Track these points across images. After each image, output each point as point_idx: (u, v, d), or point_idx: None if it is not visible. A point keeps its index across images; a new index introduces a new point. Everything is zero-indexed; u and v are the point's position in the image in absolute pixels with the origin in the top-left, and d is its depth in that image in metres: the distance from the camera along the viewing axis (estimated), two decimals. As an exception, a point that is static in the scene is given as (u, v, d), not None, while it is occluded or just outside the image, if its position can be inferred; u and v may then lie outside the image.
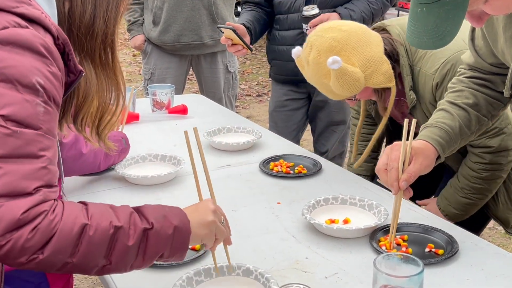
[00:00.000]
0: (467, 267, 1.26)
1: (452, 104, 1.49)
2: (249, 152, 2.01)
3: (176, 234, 1.01)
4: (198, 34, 3.16)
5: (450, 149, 1.45)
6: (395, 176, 1.34)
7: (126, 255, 0.95)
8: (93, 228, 0.91)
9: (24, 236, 0.85)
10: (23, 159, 0.87)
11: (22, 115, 0.87)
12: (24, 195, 0.86)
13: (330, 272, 1.25)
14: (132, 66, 7.45)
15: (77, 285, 2.64)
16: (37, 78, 0.89)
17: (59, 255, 0.89)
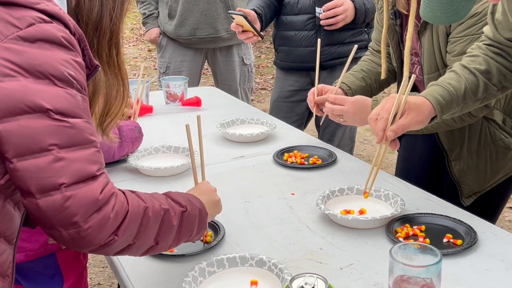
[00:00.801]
0: (486, 257, 1.23)
1: (463, 68, 1.47)
2: (263, 144, 1.99)
3: (200, 216, 1.09)
4: (214, 27, 3.14)
5: (450, 110, 1.44)
6: (382, 126, 1.36)
7: (169, 235, 1.01)
8: (150, 209, 0.97)
9: (108, 215, 0.89)
10: (81, 146, 0.90)
11: (67, 107, 0.90)
12: (93, 178, 0.90)
13: (345, 263, 1.23)
14: (148, 61, 7.47)
15: (92, 278, 2.64)
16: (68, 70, 0.91)
17: (128, 236, 0.93)
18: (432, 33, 1.67)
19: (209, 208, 1.15)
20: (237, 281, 1.16)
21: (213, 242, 1.29)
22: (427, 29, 1.68)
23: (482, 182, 1.76)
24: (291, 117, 2.63)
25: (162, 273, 1.21)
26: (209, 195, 1.19)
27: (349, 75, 1.98)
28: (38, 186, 0.86)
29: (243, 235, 1.35)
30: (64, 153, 0.88)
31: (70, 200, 0.86)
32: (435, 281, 0.98)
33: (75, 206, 0.86)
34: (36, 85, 0.87)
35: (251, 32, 2.24)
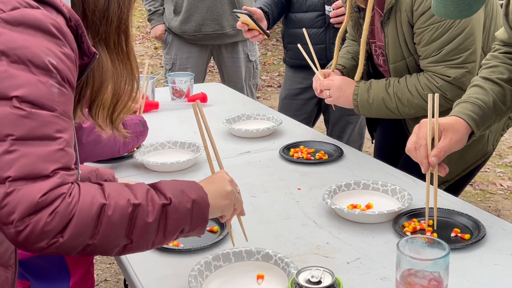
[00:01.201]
0: (494, 252, 1.22)
1: (486, 80, 1.44)
2: (269, 139, 1.98)
3: (195, 208, 0.99)
4: (220, 23, 3.13)
5: (484, 125, 1.40)
6: (424, 153, 1.30)
7: (147, 232, 0.93)
8: (111, 207, 0.89)
9: (43, 219, 0.83)
10: (40, 141, 0.85)
11: (37, 96, 0.85)
12: (42, 178, 0.84)
13: (352, 257, 1.22)
14: (154, 59, 7.47)
15: (99, 275, 2.65)
16: (49, 58, 0.87)
17: (80, 237, 0.86)
18: (396, 23, 1.68)
19: (215, 199, 1.04)
20: (243, 275, 1.15)
21: (219, 236, 1.28)
22: (390, 20, 1.69)
23: (451, 172, 1.75)
24: (300, 115, 2.62)
25: (168, 267, 1.21)
26: (219, 185, 1.08)
27: (339, 58, 2.01)
28: None
29: (249, 229, 1.34)
30: (19, 146, 0.83)
31: (10, 196, 0.82)
32: (443, 274, 0.97)
33: (14, 204, 0.82)
34: (9, 68, 0.83)
35: (257, 30, 2.23)
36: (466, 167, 1.81)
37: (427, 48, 1.64)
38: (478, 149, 1.76)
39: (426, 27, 1.62)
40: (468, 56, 1.62)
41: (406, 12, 1.65)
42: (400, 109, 1.73)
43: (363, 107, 1.78)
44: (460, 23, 1.59)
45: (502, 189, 3.52)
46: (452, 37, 1.61)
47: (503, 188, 3.53)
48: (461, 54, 1.62)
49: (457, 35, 1.61)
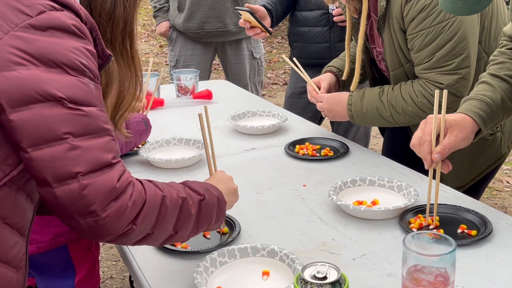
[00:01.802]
0: (501, 248, 1.21)
1: (493, 76, 1.42)
2: (274, 136, 1.98)
3: (219, 204, 1.08)
4: (223, 21, 3.12)
5: (492, 122, 1.37)
6: (427, 149, 1.29)
7: (188, 224, 1.01)
8: (168, 198, 0.96)
9: (125, 204, 0.88)
10: (96, 134, 0.89)
11: (80, 95, 0.89)
12: (109, 166, 0.88)
13: (357, 253, 1.21)
14: (159, 56, 7.47)
15: (105, 272, 2.65)
16: (80, 59, 0.90)
17: (147, 226, 0.92)
18: (390, 30, 1.67)
19: (227, 196, 1.14)
20: (249, 271, 1.15)
21: (228, 239, 1.27)
22: (385, 26, 1.67)
23: (464, 178, 1.74)
24: (306, 113, 2.61)
25: (173, 264, 1.21)
26: (226, 183, 1.18)
27: (338, 59, 2.01)
28: (54, 175, 0.85)
29: (254, 226, 1.34)
30: (79, 142, 0.86)
31: (87, 189, 0.85)
32: (450, 270, 0.96)
33: (93, 195, 0.85)
34: (48, 74, 0.86)
35: (259, 28, 2.22)
36: (480, 172, 1.77)
37: (419, 55, 1.62)
38: (491, 153, 1.72)
39: (417, 33, 1.60)
40: (461, 61, 1.59)
41: (397, 19, 1.63)
42: (395, 118, 1.71)
43: (358, 117, 1.77)
44: (451, 28, 1.56)
45: (508, 186, 3.50)
46: (443, 43, 1.58)
47: (510, 185, 3.51)
48: (453, 60, 1.59)
49: (448, 40, 1.57)
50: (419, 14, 1.57)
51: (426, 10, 1.56)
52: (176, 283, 1.14)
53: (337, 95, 1.84)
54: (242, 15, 2.21)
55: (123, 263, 2.70)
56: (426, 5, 1.56)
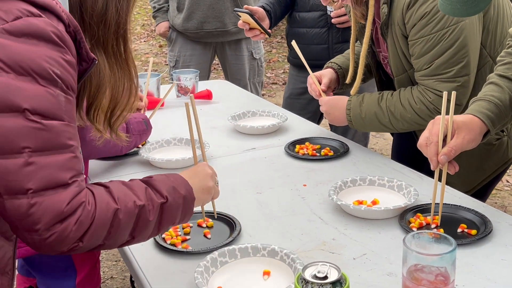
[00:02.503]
0: (501, 247, 1.21)
1: (501, 77, 1.41)
2: (274, 136, 1.98)
3: (185, 204, 1.06)
4: (222, 21, 3.12)
5: (501, 123, 1.37)
6: (434, 150, 1.29)
7: (147, 229, 0.99)
8: (122, 211, 0.94)
9: (69, 228, 0.87)
10: (55, 151, 0.88)
11: (47, 107, 0.87)
12: (63, 186, 0.87)
13: (358, 253, 1.22)
14: (159, 56, 7.47)
15: (105, 272, 2.65)
16: (53, 68, 0.88)
17: (96, 240, 0.92)
18: (393, 36, 1.67)
19: (198, 193, 1.10)
20: (249, 271, 1.15)
21: (229, 239, 1.27)
22: (388, 32, 1.68)
23: (469, 181, 1.74)
24: (304, 114, 2.61)
25: (174, 264, 1.21)
26: (202, 179, 1.14)
27: (341, 56, 2.01)
28: (6, 188, 0.84)
29: (255, 226, 1.35)
30: (36, 157, 0.85)
31: (34, 207, 0.84)
32: (450, 270, 0.97)
33: (39, 214, 0.85)
34: (17, 82, 0.85)
35: (258, 29, 2.21)
36: (487, 177, 1.76)
37: (419, 61, 1.62)
38: (497, 157, 1.72)
39: (417, 40, 1.60)
40: (460, 69, 1.59)
41: (399, 26, 1.64)
42: (394, 124, 1.70)
43: (356, 122, 1.77)
44: (451, 35, 1.56)
45: (508, 186, 3.50)
46: (443, 50, 1.58)
47: (510, 184, 3.51)
48: (452, 67, 1.59)
49: (447, 48, 1.57)
50: (420, 20, 1.57)
51: (427, 17, 1.56)
52: (177, 283, 1.14)
53: (336, 100, 1.84)
54: (241, 16, 2.21)
55: (124, 263, 2.70)
56: (426, 12, 1.56)
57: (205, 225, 1.35)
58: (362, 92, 1.85)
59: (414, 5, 1.57)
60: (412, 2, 1.57)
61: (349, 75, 1.90)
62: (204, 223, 1.35)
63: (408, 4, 1.58)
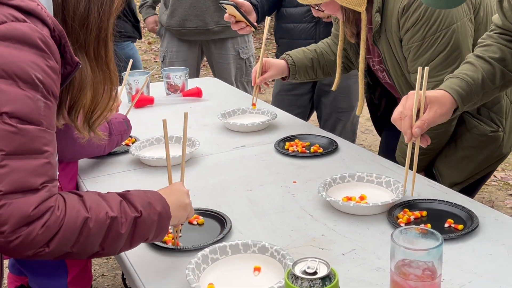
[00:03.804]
0: (487, 241, 1.23)
1: (478, 57, 1.47)
2: (264, 133, 1.99)
3: (160, 220, 1.07)
4: (203, 19, 3.12)
5: (471, 101, 1.43)
6: (408, 123, 1.35)
7: (118, 242, 1.00)
8: (92, 220, 0.95)
9: (35, 231, 0.88)
10: (28, 155, 0.89)
11: (25, 112, 0.88)
12: (32, 191, 0.88)
13: (347, 248, 1.23)
14: (148, 54, 7.46)
15: (96, 270, 2.66)
16: (36, 73, 0.89)
17: (63, 247, 0.92)
18: (388, 42, 1.70)
19: (175, 210, 1.12)
20: (240, 267, 1.16)
21: (219, 236, 1.29)
22: (381, 37, 1.70)
23: (462, 172, 1.78)
24: (293, 110, 2.63)
25: (166, 261, 1.22)
26: (178, 196, 1.16)
27: (300, 51, 2.03)
28: None
29: (245, 223, 1.36)
30: (9, 160, 0.86)
31: (1, 209, 0.85)
32: (437, 264, 0.99)
33: (6, 216, 0.86)
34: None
35: (244, 22, 2.21)
36: (480, 170, 1.79)
37: (413, 64, 1.66)
38: (491, 151, 1.75)
39: (412, 44, 1.64)
40: (454, 71, 1.60)
41: (395, 32, 1.67)
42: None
43: None
44: (444, 39, 1.60)
45: (495, 180, 3.54)
46: (436, 53, 1.62)
47: (497, 179, 3.55)
48: (445, 70, 1.62)
49: (441, 51, 1.61)
50: (414, 26, 1.61)
51: (420, 22, 1.60)
52: (168, 279, 1.15)
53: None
54: (227, 9, 2.20)
55: (114, 261, 2.71)
56: (420, 18, 1.60)
57: (195, 222, 1.36)
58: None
59: (408, 10, 1.61)
60: (406, 8, 1.61)
61: (335, 83, 1.95)
62: (194, 221, 1.36)
63: (402, 10, 1.62)
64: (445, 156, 1.77)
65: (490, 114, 1.72)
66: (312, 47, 2.03)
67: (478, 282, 1.10)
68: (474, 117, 1.72)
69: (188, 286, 1.10)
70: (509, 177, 3.58)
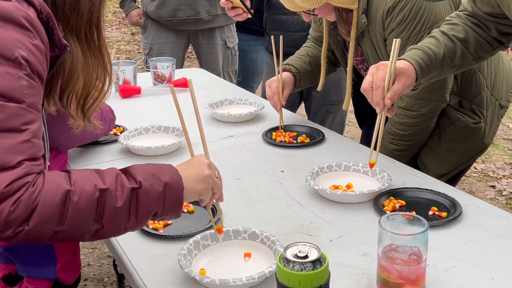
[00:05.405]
0: (470, 228, 1.28)
1: (442, 34, 1.51)
2: (252, 123, 2.02)
3: (167, 191, 0.98)
4: (195, 8, 3.12)
5: (429, 74, 1.47)
6: (381, 95, 1.38)
7: (117, 217, 0.93)
8: (77, 193, 0.90)
9: (7, 209, 0.84)
10: (6, 133, 0.86)
11: (4, 88, 0.87)
12: (7, 169, 0.85)
13: (334, 235, 1.27)
14: (131, 44, 7.41)
15: (82, 259, 2.66)
16: (19, 51, 0.88)
17: (47, 224, 0.88)
18: (372, 42, 1.74)
19: (191, 182, 1.03)
20: (231, 253, 1.19)
21: (210, 223, 1.30)
22: (365, 37, 1.74)
23: (447, 164, 1.83)
24: None
25: (157, 247, 1.24)
26: (196, 167, 1.06)
27: (297, 58, 2.03)
28: None
29: (235, 211, 1.38)
30: None
31: None
32: (422, 249, 1.02)
33: None
34: None
35: (241, 8, 2.19)
36: (464, 161, 1.85)
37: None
38: (474, 141, 1.80)
39: None
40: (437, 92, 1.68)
41: (380, 33, 1.70)
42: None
43: None
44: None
45: (476, 172, 3.61)
46: None
47: (477, 171, 3.62)
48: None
49: None
50: (398, 26, 1.65)
51: (405, 23, 1.65)
52: (160, 265, 1.17)
53: None
54: None
55: (101, 250, 2.71)
56: (405, 18, 1.64)
57: (186, 210, 1.38)
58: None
59: (393, 12, 1.65)
60: (391, 9, 1.65)
61: (320, 83, 1.98)
62: (185, 208, 1.38)
63: (387, 11, 1.65)
64: (429, 149, 1.82)
65: (471, 106, 1.77)
66: (302, 52, 2.04)
67: (461, 266, 1.14)
68: (457, 110, 1.76)
69: (180, 271, 1.12)
70: (489, 168, 3.65)
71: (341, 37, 1.86)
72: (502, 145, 4.02)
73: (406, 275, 1.01)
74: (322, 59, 1.95)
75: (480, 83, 1.76)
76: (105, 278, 2.53)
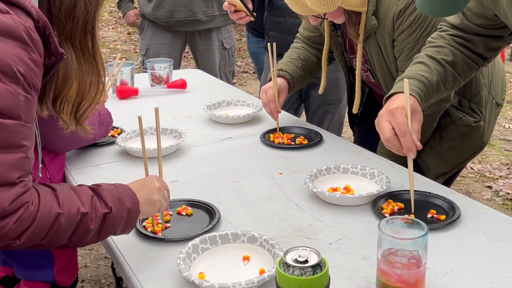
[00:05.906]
0: (469, 231, 1.28)
1: (431, 59, 1.49)
2: (250, 125, 2.01)
3: (129, 216, 1.09)
4: (192, 9, 3.12)
5: (426, 102, 1.46)
6: (411, 140, 1.31)
7: (86, 235, 1.03)
8: (64, 216, 0.98)
9: (8, 226, 0.90)
10: (6, 150, 0.89)
11: (5, 106, 0.88)
12: (9, 185, 0.90)
13: (333, 238, 1.26)
14: (127, 44, 7.40)
15: (79, 261, 2.65)
16: (18, 67, 0.89)
17: (33, 240, 0.95)
18: (377, 40, 1.73)
19: (143, 205, 1.14)
20: (230, 257, 1.19)
21: (209, 226, 1.30)
22: (370, 38, 1.74)
23: (447, 163, 1.83)
24: None
25: (156, 251, 1.23)
26: (148, 192, 1.17)
27: (289, 62, 2.02)
28: None
29: (234, 213, 1.38)
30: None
31: None
32: (422, 253, 1.02)
33: None
34: None
35: (244, 11, 2.18)
36: (464, 159, 1.86)
37: (404, 64, 1.69)
38: (474, 139, 1.81)
39: (405, 45, 1.68)
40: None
41: (389, 34, 1.70)
42: None
43: None
44: None
45: (472, 173, 3.62)
46: None
47: (474, 171, 3.63)
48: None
49: None
50: (409, 28, 1.65)
51: (416, 25, 1.64)
52: (159, 269, 1.17)
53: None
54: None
55: (97, 252, 2.71)
56: (416, 20, 1.64)
57: (184, 213, 1.38)
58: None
59: (403, 13, 1.64)
60: (402, 11, 1.64)
61: (321, 86, 1.97)
62: (183, 211, 1.38)
63: (399, 13, 1.65)
64: (430, 148, 1.82)
65: (470, 105, 1.78)
66: (294, 55, 2.03)
67: (460, 270, 1.14)
68: (458, 109, 1.77)
69: (179, 275, 1.12)
70: (486, 169, 3.66)
71: (341, 38, 1.85)
72: (498, 145, 4.03)
73: (405, 279, 1.01)
74: (323, 61, 1.94)
75: (479, 82, 1.77)
76: (102, 279, 2.52)
